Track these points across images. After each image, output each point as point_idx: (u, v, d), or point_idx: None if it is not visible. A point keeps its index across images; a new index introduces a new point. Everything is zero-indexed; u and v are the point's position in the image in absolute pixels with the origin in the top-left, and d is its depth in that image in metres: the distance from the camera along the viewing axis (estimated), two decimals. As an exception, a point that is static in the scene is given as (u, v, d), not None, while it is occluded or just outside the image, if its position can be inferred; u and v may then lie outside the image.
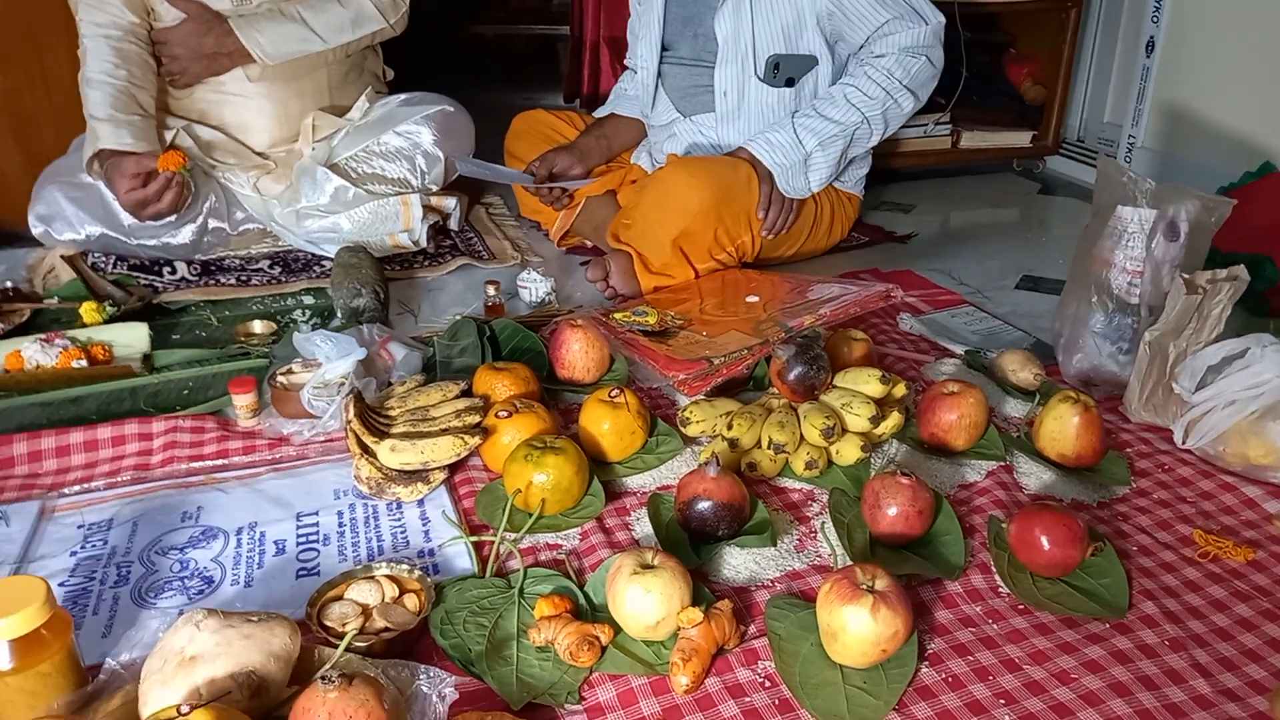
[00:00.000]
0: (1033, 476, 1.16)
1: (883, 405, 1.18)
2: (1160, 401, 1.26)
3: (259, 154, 1.86)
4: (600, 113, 2.01)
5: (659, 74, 1.84)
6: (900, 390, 1.21)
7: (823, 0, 1.64)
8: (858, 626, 0.81)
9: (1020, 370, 1.34)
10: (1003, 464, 1.18)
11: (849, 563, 0.98)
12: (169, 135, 1.78)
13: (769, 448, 1.12)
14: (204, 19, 1.75)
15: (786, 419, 1.14)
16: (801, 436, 1.14)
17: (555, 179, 1.87)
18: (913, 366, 1.45)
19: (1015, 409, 1.32)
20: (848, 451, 1.14)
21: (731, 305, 1.50)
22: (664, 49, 1.82)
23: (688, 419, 1.19)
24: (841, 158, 1.70)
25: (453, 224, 1.98)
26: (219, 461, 1.19)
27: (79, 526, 1.06)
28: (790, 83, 1.70)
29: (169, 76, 1.80)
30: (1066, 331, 1.39)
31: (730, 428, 1.14)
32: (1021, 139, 2.46)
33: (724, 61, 1.72)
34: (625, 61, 2.02)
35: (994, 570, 0.98)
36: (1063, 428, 1.15)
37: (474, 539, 1.03)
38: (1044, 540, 0.94)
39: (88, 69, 1.71)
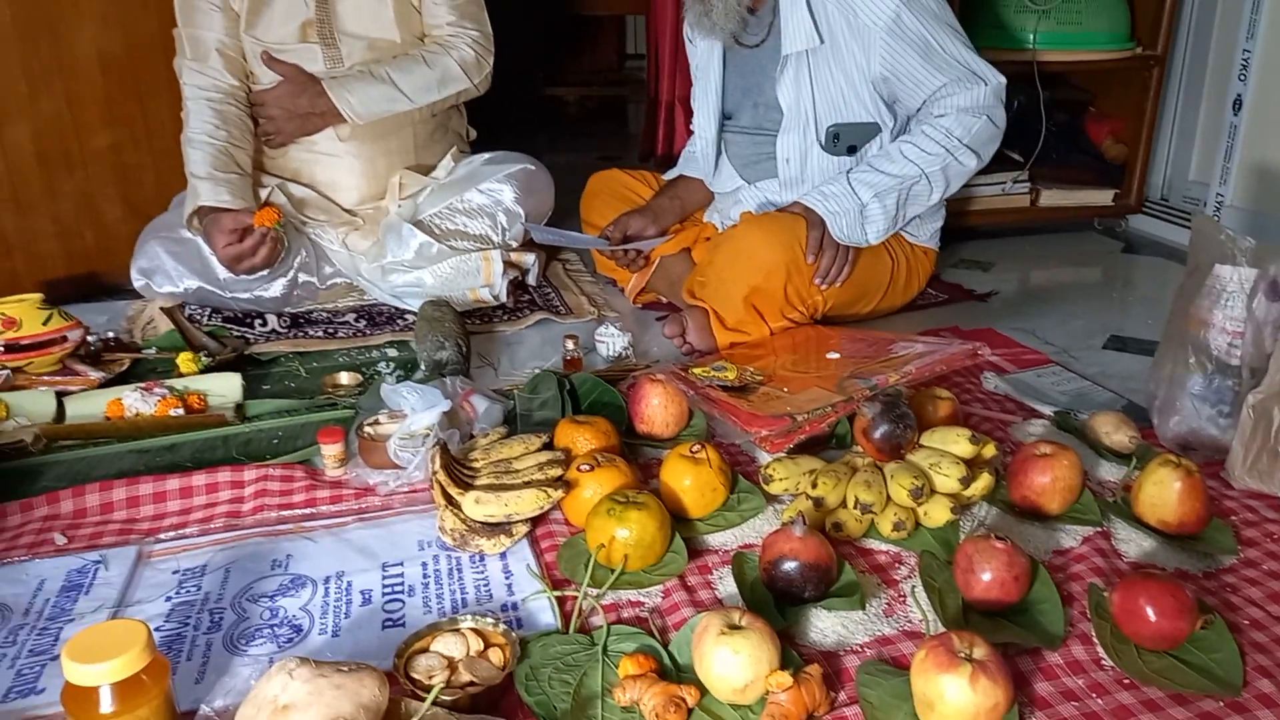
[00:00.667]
0: (1132, 543, 1.11)
1: (972, 466, 1.15)
2: (1266, 467, 1.21)
3: (348, 211, 1.93)
4: (670, 174, 2.03)
5: (721, 142, 1.85)
6: (990, 451, 1.18)
7: (876, 66, 1.64)
8: (956, 697, 0.78)
9: (1114, 433, 1.30)
10: (1099, 530, 1.13)
11: (942, 629, 0.95)
12: (264, 193, 1.85)
13: (855, 507, 1.10)
14: (299, 81, 1.83)
15: (872, 478, 1.12)
16: (888, 497, 1.12)
17: (629, 241, 1.89)
18: (1000, 427, 1.41)
19: (1110, 473, 1.28)
20: (936, 513, 1.11)
21: (812, 361, 1.49)
22: (725, 118, 1.84)
23: (770, 476, 1.18)
24: (900, 211, 1.68)
25: (531, 279, 2.01)
26: (307, 510, 1.21)
27: (174, 572, 1.08)
28: (852, 150, 1.71)
29: (265, 136, 1.88)
30: (1162, 393, 1.34)
31: (815, 486, 1.12)
32: (1103, 197, 2.42)
33: (786, 130, 1.72)
34: (691, 125, 2.05)
35: (1096, 641, 0.94)
36: (1163, 493, 1.11)
37: (557, 594, 1.03)
38: (1150, 611, 0.90)
39: (190, 129, 1.80)
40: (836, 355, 1.50)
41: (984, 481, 1.15)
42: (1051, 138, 2.35)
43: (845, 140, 1.69)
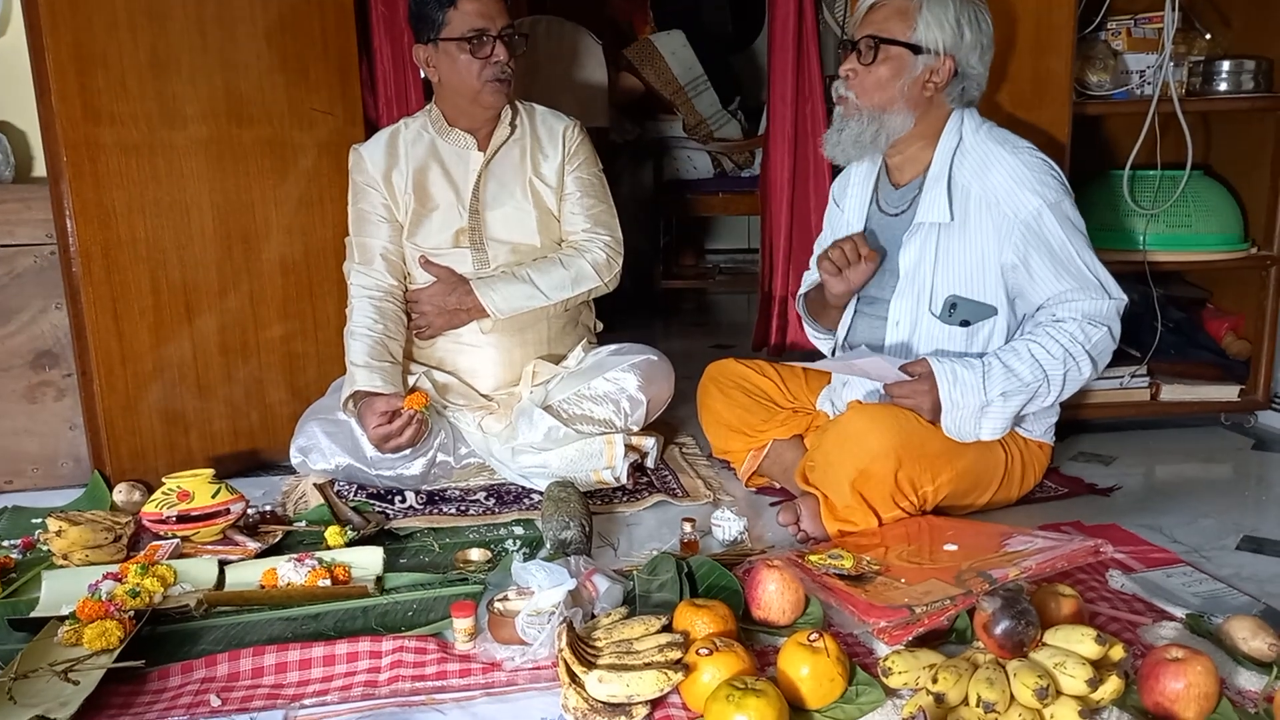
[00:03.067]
0: (1279, 760, 1.06)
1: (1099, 668, 1.13)
2: None
3: (484, 395, 2.09)
4: (805, 287, 2.07)
5: (850, 325, 1.90)
6: (1118, 653, 1.16)
7: (1009, 252, 1.69)
8: None
9: (1252, 639, 1.25)
10: (1242, 743, 1.09)
11: (1074, 840, 0.92)
12: (411, 379, 2.04)
13: (978, 705, 1.09)
14: (450, 281, 2.04)
15: (995, 676, 1.11)
16: (1012, 696, 1.11)
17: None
18: (1128, 628, 1.37)
19: (1250, 681, 1.23)
20: (1064, 716, 1.09)
21: (929, 552, 1.50)
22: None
23: (889, 669, 1.18)
24: (1015, 415, 1.70)
25: (650, 462, 2.10)
26: (438, 683, 1.27)
27: (317, 735, 1.15)
28: (965, 324, 1.74)
29: (416, 329, 2.09)
30: (1302, 599, 1.29)
31: (935, 681, 1.12)
32: (1228, 393, 2.38)
33: (900, 294, 1.77)
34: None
35: None
36: (1309, 706, 1.06)
37: (677, 779, 1.04)
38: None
39: (353, 323, 2.02)
40: (954, 547, 1.51)
41: (1113, 685, 1.13)
42: (1168, 333, 2.36)
43: (961, 313, 1.73)
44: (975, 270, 1.72)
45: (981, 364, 1.67)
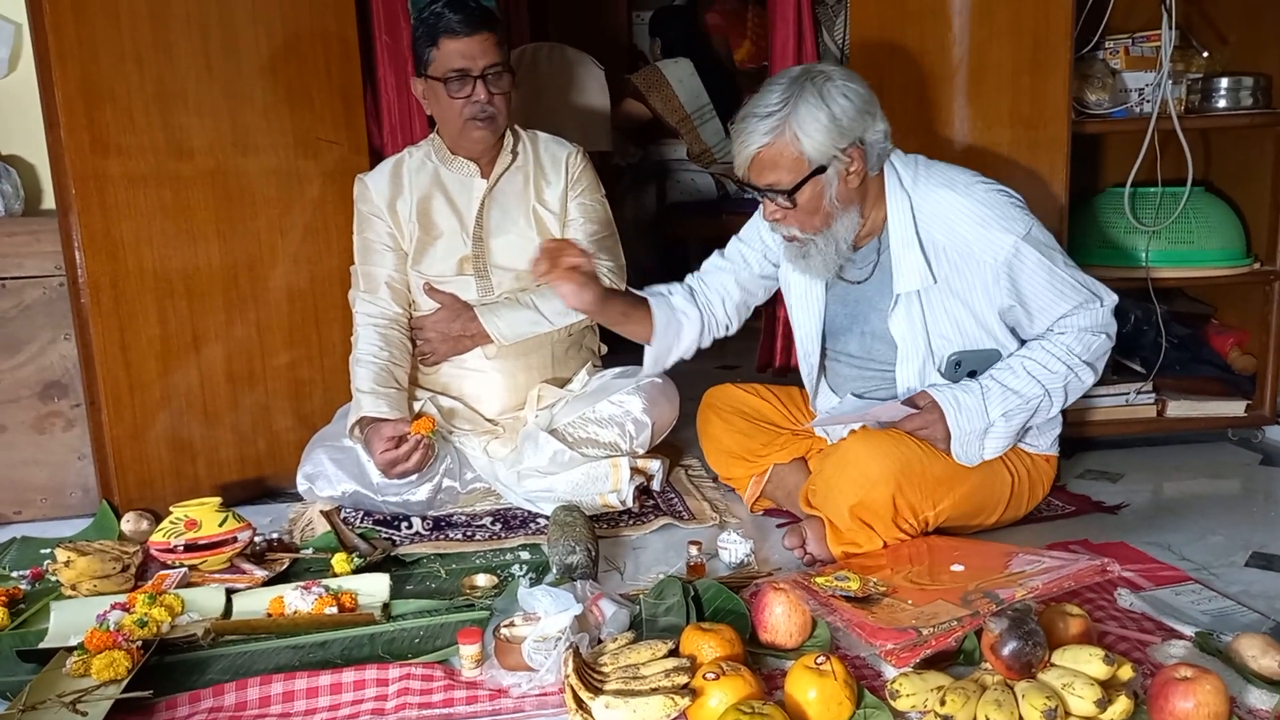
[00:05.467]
0: (1291, 780, 1.05)
1: (1108, 688, 1.13)
2: None
3: (489, 420, 2.10)
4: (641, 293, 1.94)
5: (821, 368, 1.88)
6: (1127, 672, 1.16)
7: (1001, 295, 1.66)
8: None
9: (1262, 656, 1.25)
10: (1253, 763, 1.08)
11: None
12: (417, 405, 2.05)
13: (986, 728, 1.09)
14: (455, 308, 2.06)
15: (1003, 697, 1.11)
16: (1020, 718, 1.10)
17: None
18: (1137, 647, 1.37)
19: (1260, 700, 1.22)
20: (1072, 737, 1.08)
21: (936, 573, 1.50)
22: (824, 342, 1.86)
23: (897, 691, 1.18)
24: (1019, 431, 1.70)
25: (655, 485, 2.10)
26: (445, 710, 1.27)
27: (324, 764, 1.15)
28: (973, 374, 1.71)
29: (420, 356, 2.10)
30: (1312, 616, 1.29)
31: (943, 703, 1.12)
32: (1234, 408, 2.38)
33: (904, 361, 1.74)
34: (689, 278, 1.95)
35: None
36: (1320, 725, 1.05)
37: (685, 805, 1.04)
38: None
39: (358, 350, 2.03)
40: (961, 568, 1.50)
41: (1122, 705, 1.12)
42: (1173, 350, 2.36)
43: (967, 366, 1.71)
44: (968, 322, 1.70)
45: (980, 387, 1.67)
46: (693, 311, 1.88)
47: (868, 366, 1.82)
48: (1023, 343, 1.74)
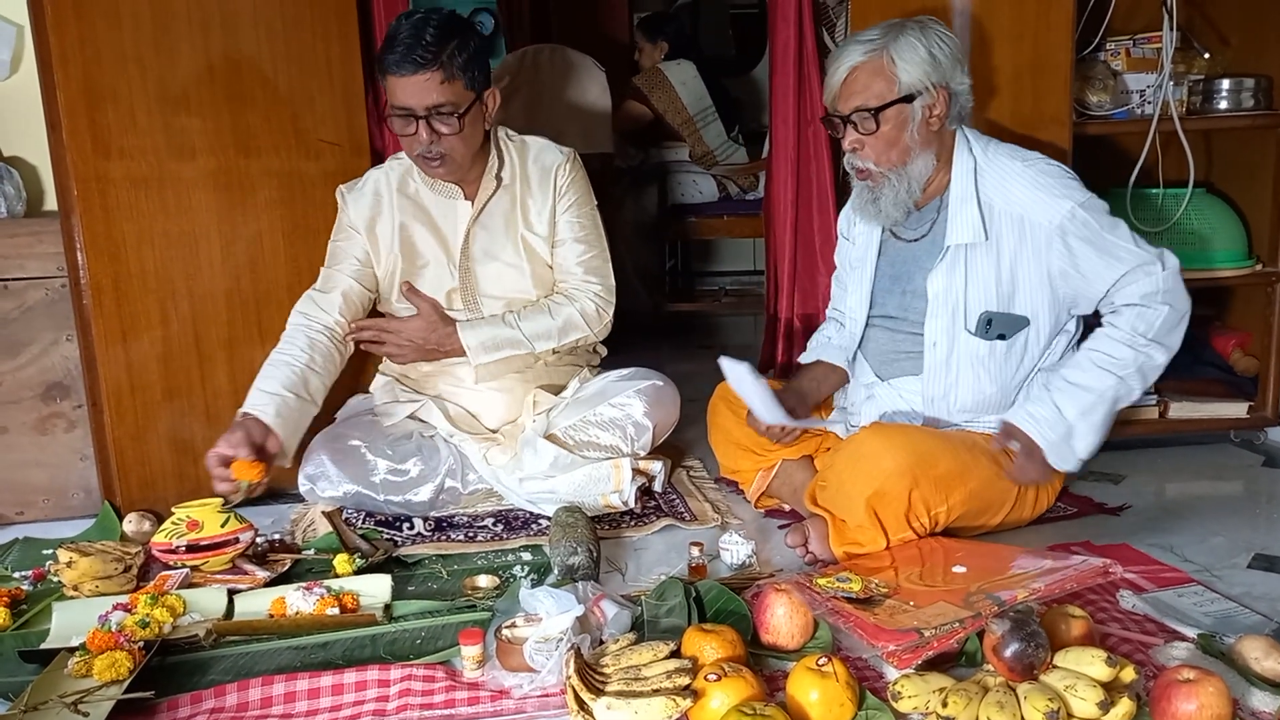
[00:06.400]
0: (1294, 782, 1.05)
1: (1110, 690, 1.13)
2: None
3: (490, 429, 2.09)
4: (805, 358, 2.08)
5: (862, 336, 1.92)
6: (1129, 674, 1.16)
7: (1055, 260, 1.70)
8: None
9: (1264, 659, 1.25)
10: (1256, 765, 1.08)
11: None
12: (415, 407, 2.04)
13: (988, 729, 1.08)
14: (433, 319, 2.00)
15: (1005, 699, 1.11)
16: (1023, 719, 1.10)
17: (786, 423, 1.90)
18: (1139, 649, 1.37)
19: (1263, 702, 1.22)
20: (1075, 739, 1.08)
21: (938, 575, 1.50)
22: (870, 305, 1.90)
23: (899, 693, 1.18)
24: (1106, 422, 1.70)
25: (657, 486, 2.10)
26: (446, 711, 1.27)
27: (326, 765, 1.15)
28: (1002, 337, 1.75)
29: (386, 354, 2.07)
30: (1315, 618, 1.29)
31: (945, 705, 1.12)
32: (1237, 410, 2.37)
33: (934, 315, 1.78)
34: (829, 312, 2.11)
35: None
36: (1323, 727, 1.05)
37: (686, 806, 1.04)
38: None
39: (280, 349, 1.96)
40: (963, 569, 1.50)
41: (1125, 708, 1.12)
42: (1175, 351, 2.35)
43: (997, 327, 1.74)
44: (1006, 285, 1.74)
45: (1049, 394, 1.69)
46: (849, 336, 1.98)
47: (899, 328, 1.85)
48: (1087, 327, 1.77)
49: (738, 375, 1.83)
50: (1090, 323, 1.81)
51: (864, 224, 1.91)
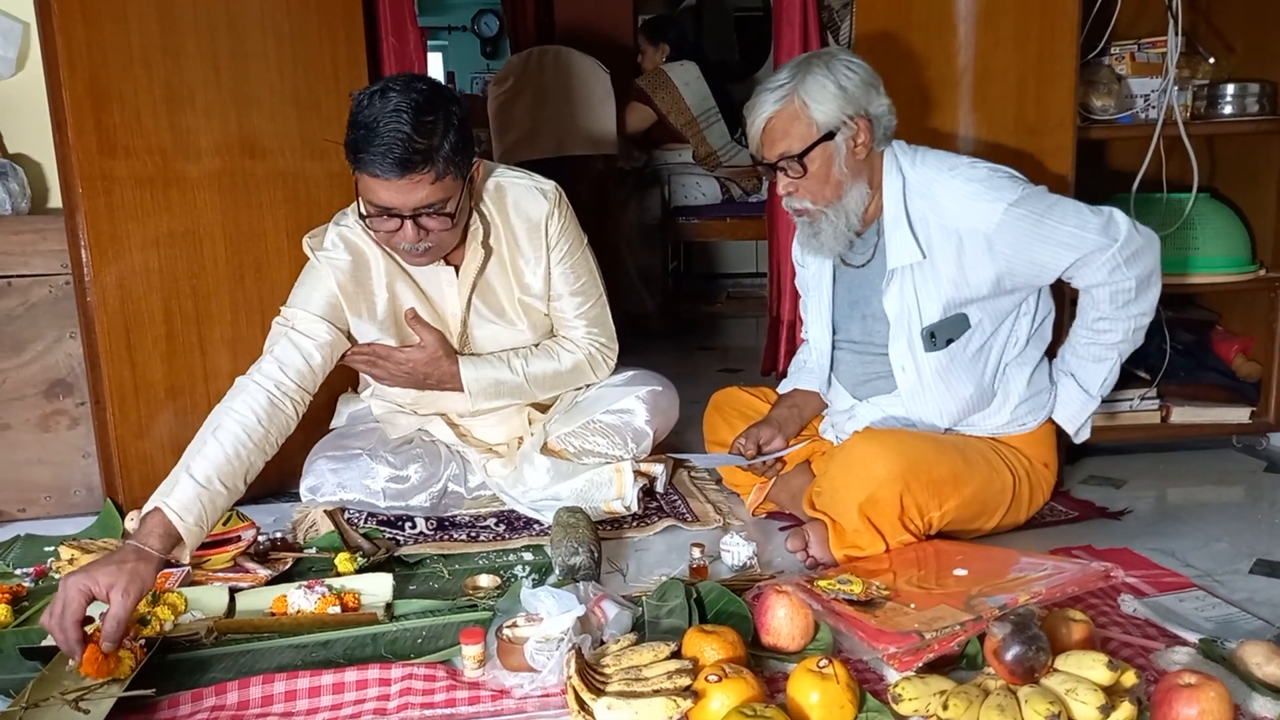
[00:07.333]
0: (1295, 787, 1.05)
1: (1111, 694, 1.12)
2: None
3: (491, 444, 2.08)
4: (784, 387, 2.09)
5: (832, 359, 1.91)
6: (1130, 679, 1.15)
7: (1000, 263, 1.69)
8: None
9: (1266, 664, 1.24)
10: (1257, 770, 1.08)
11: None
12: (422, 420, 2.03)
13: (988, 732, 1.08)
14: (437, 354, 1.88)
15: (1006, 702, 1.11)
16: (1023, 722, 1.10)
17: (761, 452, 1.95)
18: (1140, 653, 1.36)
19: (1266, 708, 1.22)
20: (1075, 742, 1.08)
21: (939, 577, 1.49)
22: (833, 331, 1.90)
23: (900, 695, 1.18)
24: (1113, 376, 1.84)
25: (659, 487, 2.10)
26: (447, 710, 1.27)
27: (326, 764, 1.15)
28: (949, 342, 1.75)
29: (374, 376, 1.94)
30: (1317, 623, 1.28)
31: (946, 708, 1.12)
32: (1239, 415, 2.37)
33: (895, 339, 1.78)
34: (802, 335, 2.11)
35: None
36: (1324, 732, 1.05)
37: (686, 807, 1.04)
38: None
39: (231, 415, 1.61)
40: (964, 572, 1.50)
41: (1126, 712, 1.12)
42: (1178, 356, 2.35)
43: (942, 335, 1.75)
44: (958, 294, 1.73)
45: (1074, 380, 1.84)
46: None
47: (868, 350, 1.85)
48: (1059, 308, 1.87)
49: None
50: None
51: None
